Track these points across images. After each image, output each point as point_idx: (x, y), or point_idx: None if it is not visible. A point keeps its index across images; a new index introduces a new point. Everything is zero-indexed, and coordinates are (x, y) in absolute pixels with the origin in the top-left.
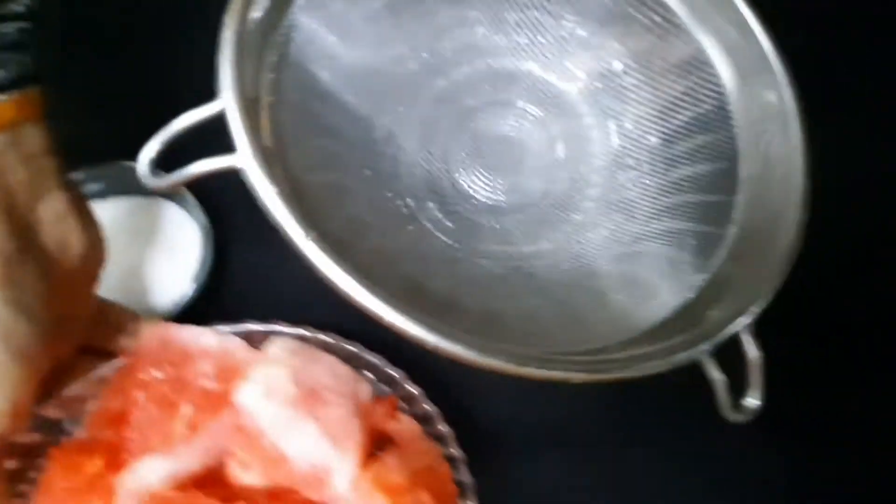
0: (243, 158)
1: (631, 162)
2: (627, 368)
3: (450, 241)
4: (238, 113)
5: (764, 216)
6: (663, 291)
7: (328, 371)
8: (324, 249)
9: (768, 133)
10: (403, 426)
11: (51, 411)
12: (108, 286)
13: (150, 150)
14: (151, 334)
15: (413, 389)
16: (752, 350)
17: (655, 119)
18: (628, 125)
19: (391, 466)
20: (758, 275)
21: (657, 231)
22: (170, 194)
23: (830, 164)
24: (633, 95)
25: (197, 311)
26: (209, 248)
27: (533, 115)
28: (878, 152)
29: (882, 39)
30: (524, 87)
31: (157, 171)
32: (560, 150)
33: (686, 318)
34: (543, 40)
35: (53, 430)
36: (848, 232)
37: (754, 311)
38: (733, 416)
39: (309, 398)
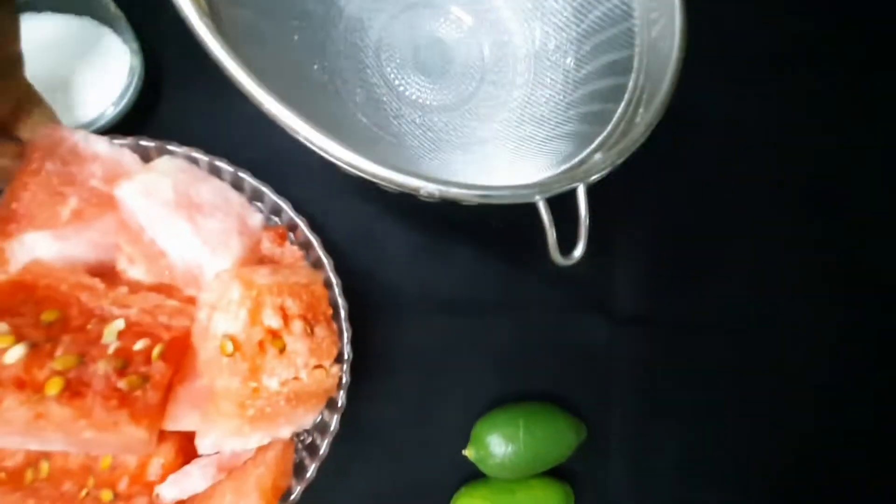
0: None
1: (548, 81)
2: (471, 191)
3: (370, 125)
4: None
5: (633, 118)
6: (540, 171)
7: (216, 192)
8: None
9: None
10: (287, 252)
11: None
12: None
13: None
14: (48, 131)
15: (297, 219)
16: (583, 209)
17: (573, 42)
18: (550, 45)
19: (261, 273)
20: (608, 158)
21: (558, 134)
22: (106, 20)
23: None
24: (558, 18)
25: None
26: (136, 77)
27: (465, 24)
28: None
29: None
30: None
31: None
32: (487, 62)
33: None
34: None
35: None
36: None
37: (589, 179)
38: (559, 259)
39: (189, 207)
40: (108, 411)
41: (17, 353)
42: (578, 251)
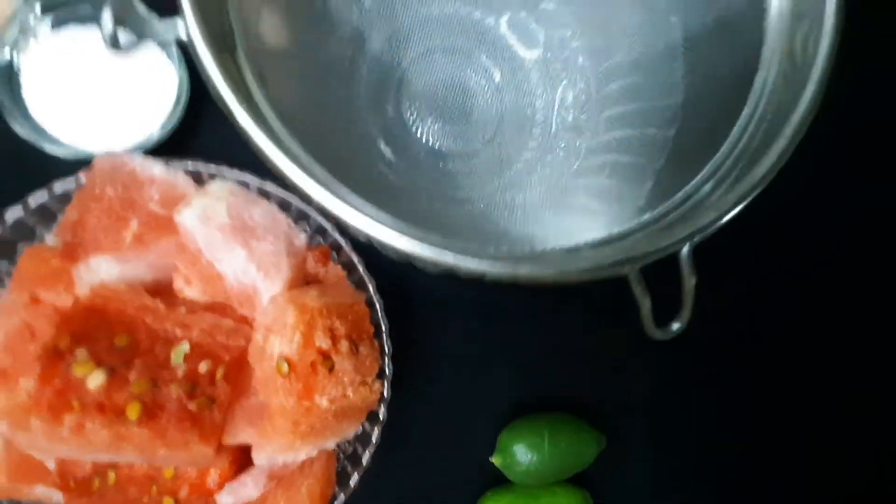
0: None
1: (569, 124)
2: (545, 266)
3: (394, 178)
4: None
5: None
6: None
7: (265, 214)
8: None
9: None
10: (331, 272)
11: (26, 217)
12: (79, 110)
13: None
14: (105, 158)
15: (341, 240)
16: (688, 275)
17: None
18: (569, 97)
19: (312, 295)
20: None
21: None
22: (158, 41)
23: None
24: (578, 65)
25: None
26: (184, 96)
27: (488, 71)
28: None
29: None
30: (486, 41)
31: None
32: (506, 108)
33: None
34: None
35: (27, 235)
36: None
37: (696, 237)
38: (656, 334)
39: (243, 230)
40: (181, 432)
41: (98, 379)
42: (679, 323)
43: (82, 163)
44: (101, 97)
